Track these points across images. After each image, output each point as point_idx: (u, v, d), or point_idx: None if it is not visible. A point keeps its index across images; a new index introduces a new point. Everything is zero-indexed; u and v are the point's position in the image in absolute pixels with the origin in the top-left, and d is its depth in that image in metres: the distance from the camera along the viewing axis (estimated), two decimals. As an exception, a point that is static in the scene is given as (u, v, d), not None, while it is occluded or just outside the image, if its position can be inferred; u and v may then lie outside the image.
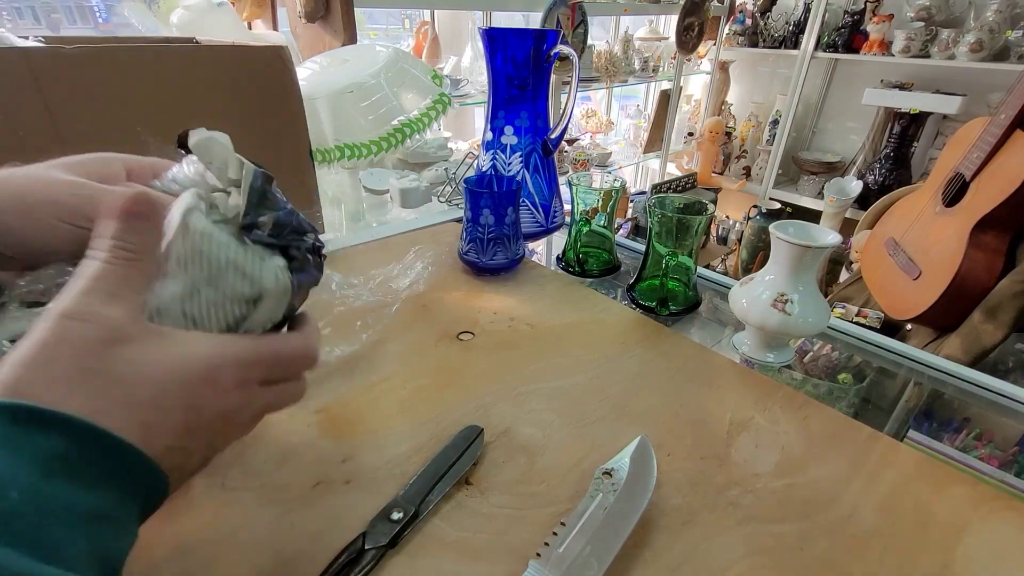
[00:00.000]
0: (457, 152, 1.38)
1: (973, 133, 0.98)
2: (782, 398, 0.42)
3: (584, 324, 0.51)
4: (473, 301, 0.55)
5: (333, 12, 1.07)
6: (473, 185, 0.57)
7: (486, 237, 0.56)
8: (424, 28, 1.65)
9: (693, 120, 2.68)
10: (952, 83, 1.91)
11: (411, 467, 0.34)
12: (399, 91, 0.83)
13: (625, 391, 0.42)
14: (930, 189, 1.09)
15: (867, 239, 1.25)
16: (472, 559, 0.29)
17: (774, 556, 0.30)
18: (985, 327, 0.87)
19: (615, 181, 0.62)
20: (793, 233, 0.44)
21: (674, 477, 0.34)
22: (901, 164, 2.03)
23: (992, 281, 0.90)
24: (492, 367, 0.45)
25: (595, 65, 1.98)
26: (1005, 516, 0.32)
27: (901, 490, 0.34)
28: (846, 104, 2.29)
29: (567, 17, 1.60)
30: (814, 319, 0.45)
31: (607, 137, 2.42)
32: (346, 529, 0.30)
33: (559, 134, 0.64)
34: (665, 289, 0.54)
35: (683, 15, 1.99)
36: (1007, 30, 1.71)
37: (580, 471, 0.35)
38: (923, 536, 0.31)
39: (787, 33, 2.23)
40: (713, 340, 0.56)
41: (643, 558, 0.29)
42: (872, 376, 0.52)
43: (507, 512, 0.32)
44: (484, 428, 0.37)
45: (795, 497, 0.33)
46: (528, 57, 0.59)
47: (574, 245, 0.64)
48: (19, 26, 1.17)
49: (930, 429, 0.46)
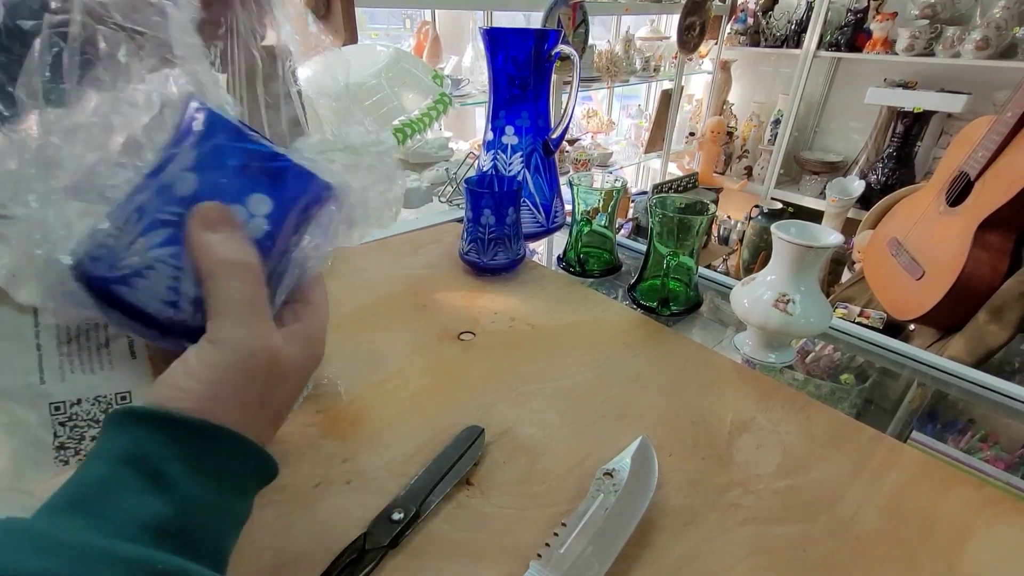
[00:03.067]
0: (458, 152, 1.38)
1: (978, 132, 0.98)
2: (784, 399, 0.41)
3: (585, 324, 0.51)
4: (474, 301, 0.54)
5: (334, 12, 1.08)
6: (474, 185, 0.57)
7: (487, 237, 0.56)
8: (425, 28, 1.65)
9: (694, 120, 2.67)
10: (957, 81, 1.90)
11: (412, 467, 0.34)
12: (400, 91, 0.83)
13: (626, 391, 0.42)
14: (934, 189, 1.08)
15: (869, 239, 1.25)
16: (473, 559, 0.29)
17: (776, 557, 0.29)
18: (990, 327, 0.86)
19: (616, 181, 0.62)
20: (795, 233, 0.44)
21: (675, 478, 0.34)
22: (904, 164, 2.02)
23: (997, 281, 0.89)
24: (493, 367, 0.44)
25: (596, 65, 1.97)
26: (1012, 519, 0.32)
27: (905, 492, 0.34)
28: (848, 103, 2.28)
29: (568, 17, 1.59)
30: (816, 319, 0.45)
31: (608, 137, 2.42)
32: (347, 530, 0.30)
33: (560, 134, 0.64)
34: (666, 289, 0.53)
35: (684, 14, 1.99)
36: (1015, 27, 1.70)
37: (581, 471, 0.34)
38: (927, 539, 0.31)
39: (789, 32, 2.22)
40: (714, 340, 0.55)
41: (644, 559, 0.29)
42: (875, 377, 0.52)
43: (508, 512, 0.32)
44: (485, 428, 0.37)
45: (797, 498, 0.33)
46: (529, 57, 0.59)
47: (575, 245, 0.63)
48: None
49: (934, 430, 0.46)
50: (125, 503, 0.17)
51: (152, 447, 0.19)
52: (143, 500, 0.18)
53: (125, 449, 0.18)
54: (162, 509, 0.18)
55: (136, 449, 0.18)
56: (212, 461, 0.20)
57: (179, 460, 0.19)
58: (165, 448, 0.19)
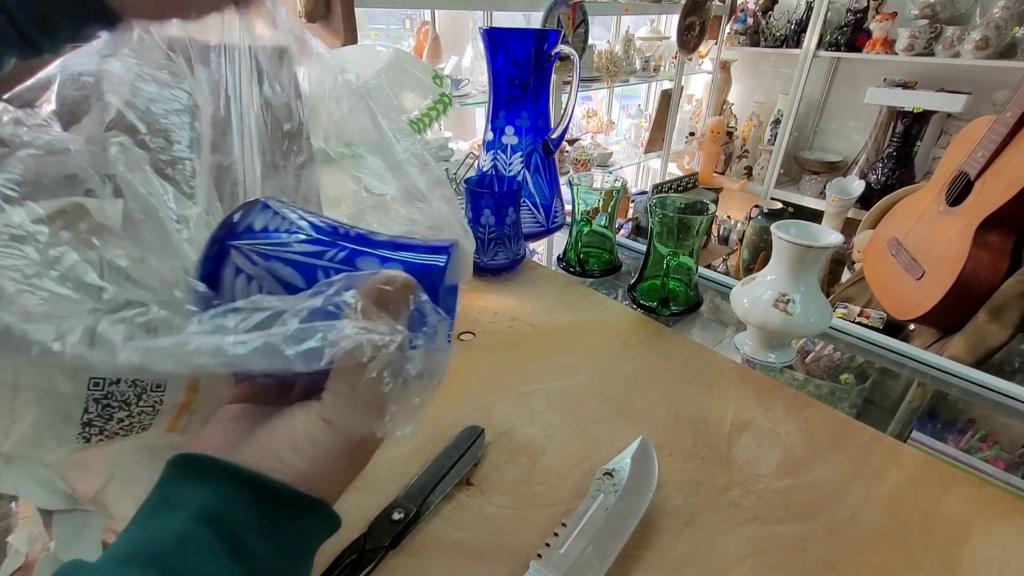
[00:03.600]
0: (458, 152, 1.38)
1: (978, 131, 0.98)
2: (784, 399, 0.41)
3: (585, 324, 0.51)
4: (474, 301, 0.54)
5: (334, 12, 1.08)
6: (474, 185, 0.57)
7: (487, 237, 0.56)
8: (425, 28, 1.65)
9: (694, 120, 2.67)
10: (957, 81, 1.90)
11: (412, 467, 0.34)
12: (400, 91, 0.82)
13: (626, 391, 0.42)
14: (933, 188, 1.08)
15: (869, 239, 1.25)
16: (473, 559, 0.29)
17: (776, 557, 0.29)
18: (990, 327, 0.86)
19: (616, 181, 0.62)
20: (795, 233, 0.44)
21: (675, 478, 0.34)
22: (904, 163, 2.02)
23: (997, 281, 0.89)
24: (493, 367, 0.44)
25: (596, 65, 1.97)
26: (1012, 519, 0.32)
27: (905, 492, 0.34)
28: (848, 103, 2.28)
29: (568, 17, 1.59)
30: (816, 319, 0.45)
31: (608, 137, 2.42)
32: (347, 529, 0.30)
33: (560, 134, 0.64)
34: (666, 289, 0.53)
35: (684, 14, 1.99)
36: (1014, 26, 1.70)
37: (581, 472, 0.34)
38: (927, 538, 0.31)
39: (789, 32, 2.22)
40: (714, 340, 0.55)
41: (644, 559, 0.29)
42: (875, 377, 0.52)
43: (508, 513, 0.32)
44: (485, 428, 0.37)
45: (797, 498, 0.33)
46: (529, 57, 0.59)
47: (575, 245, 0.63)
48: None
49: (934, 430, 0.46)
50: (203, 567, 0.17)
51: (236, 508, 0.18)
52: (221, 565, 0.17)
53: (206, 505, 0.18)
54: (237, 575, 0.18)
55: (218, 507, 0.18)
56: (291, 528, 0.20)
57: (258, 526, 0.19)
58: (247, 510, 0.18)
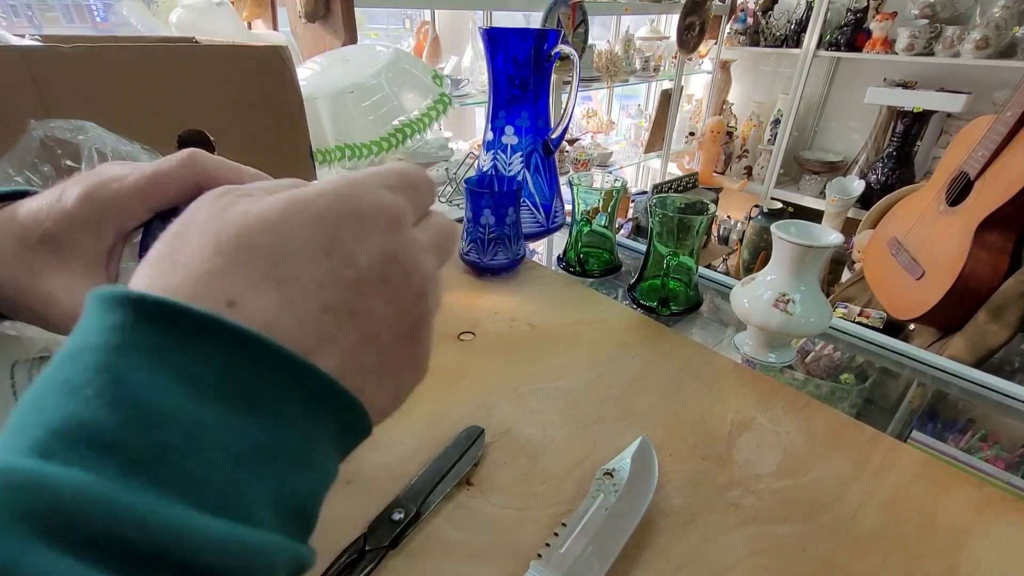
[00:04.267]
0: (458, 152, 1.38)
1: (978, 131, 0.98)
2: (784, 399, 0.41)
3: (585, 324, 0.51)
4: (474, 301, 0.54)
5: (333, 12, 1.07)
6: (474, 185, 0.57)
7: (487, 237, 0.56)
8: (425, 28, 1.65)
9: (694, 120, 2.67)
10: (957, 81, 1.90)
11: (412, 467, 0.34)
12: (400, 91, 0.82)
13: (626, 391, 0.42)
14: (933, 188, 1.08)
15: (869, 239, 1.25)
16: (473, 560, 0.29)
17: (776, 557, 0.29)
18: (990, 327, 0.86)
19: (616, 181, 0.62)
20: (795, 233, 0.44)
21: (675, 478, 0.34)
22: (904, 163, 2.02)
23: (997, 280, 0.90)
24: (493, 367, 0.44)
25: (596, 65, 1.97)
26: (1012, 519, 0.32)
27: (905, 491, 0.34)
28: (848, 103, 2.28)
29: (568, 17, 1.59)
30: (816, 319, 0.45)
31: (608, 137, 2.42)
32: (347, 530, 0.30)
33: (560, 134, 0.64)
34: (666, 289, 0.53)
35: (684, 14, 1.99)
36: (1014, 26, 1.70)
37: (581, 471, 0.34)
38: (927, 538, 0.31)
39: (789, 32, 2.22)
40: (714, 340, 0.55)
41: (644, 559, 0.29)
42: (875, 376, 0.52)
43: (508, 513, 0.32)
44: (485, 428, 0.37)
45: (797, 498, 0.33)
46: (529, 57, 0.59)
47: (575, 245, 0.63)
48: (14, 24, 1.16)
49: (934, 430, 0.46)
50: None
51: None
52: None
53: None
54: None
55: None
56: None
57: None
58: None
